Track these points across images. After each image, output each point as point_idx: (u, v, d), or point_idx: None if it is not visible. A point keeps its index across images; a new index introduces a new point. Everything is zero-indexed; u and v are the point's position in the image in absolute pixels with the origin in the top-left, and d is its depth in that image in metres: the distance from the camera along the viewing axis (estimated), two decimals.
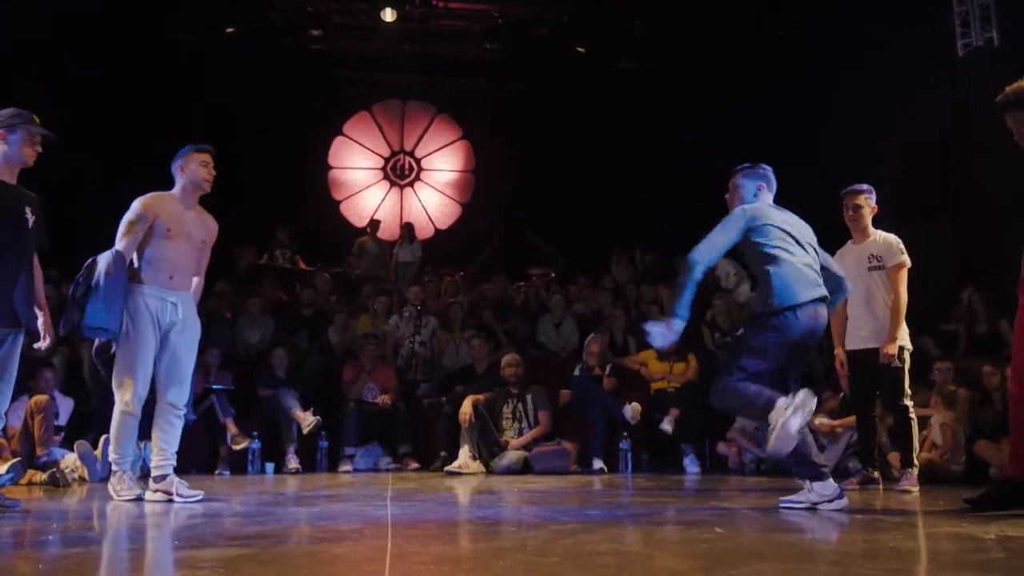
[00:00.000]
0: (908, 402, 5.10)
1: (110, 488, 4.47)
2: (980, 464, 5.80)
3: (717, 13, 10.67)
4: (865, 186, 5.30)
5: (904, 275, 5.10)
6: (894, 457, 5.98)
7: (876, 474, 5.31)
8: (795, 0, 9.92)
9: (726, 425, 7.39)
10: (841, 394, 6.70)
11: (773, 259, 3.95)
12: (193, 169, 4.50)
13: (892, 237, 5.21)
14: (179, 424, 4.53)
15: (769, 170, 4.33)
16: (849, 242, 5.38)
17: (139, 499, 4.37)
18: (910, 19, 8.97)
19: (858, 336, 5.23)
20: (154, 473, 4.47)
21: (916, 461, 5.11)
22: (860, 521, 3.67)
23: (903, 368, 5.07)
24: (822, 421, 6.56)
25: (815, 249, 4.15)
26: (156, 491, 4.41)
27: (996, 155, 5.38)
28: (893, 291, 5.09)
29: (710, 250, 3.99)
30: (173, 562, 2.71)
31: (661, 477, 6.16)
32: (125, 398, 4.34)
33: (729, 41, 10.97)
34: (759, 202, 4.19)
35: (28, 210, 4.11)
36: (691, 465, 7.05)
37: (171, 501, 4.36)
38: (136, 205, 4.41)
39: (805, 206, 10.04)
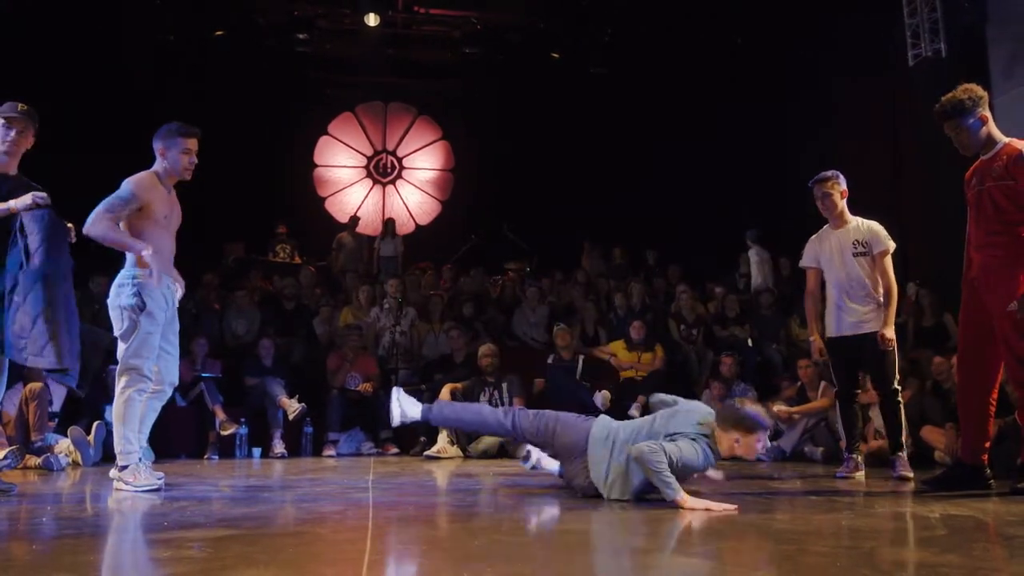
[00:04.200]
0: (898, 386, 4.88)
1: (120, 483, 4.02)
2: (926, 448, 5.89)
3: (682, 22, 10.73)
4: (831, 172, 5.04)
5: (890, 260, 4.88)
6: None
7: (860, 459, 5.07)
8: (757, 11, 9.98)
9: None
10: (798, 383, 6.78)
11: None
12: (175, 157, 4.15)
13: (875, 224, 4.96)
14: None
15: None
16: (826, 227, 5.11)
17: (159, 489, 4.02)
18: (865, 30, 9.06)
19: (847, 323, 4.93)
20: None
21: (905, 444, 4.88)
22: (815, 502, 3.71)
23: (894, 352, 4.84)
24: (780, 408, 6.63)
25: None
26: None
27: (941, 159, 5.45)
28: (884, 277, 4.85)
29: None
30: (163, 542, 2.69)
31: None
32: (141, 383, 4.08)
33: (694, 49, 11.04)
34: None
35: None
36: None
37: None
38: (130, 186, 4.05)
39: (765, 202, 10.09)
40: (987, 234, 3.86)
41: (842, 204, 5.01)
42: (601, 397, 6.93)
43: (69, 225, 4.03)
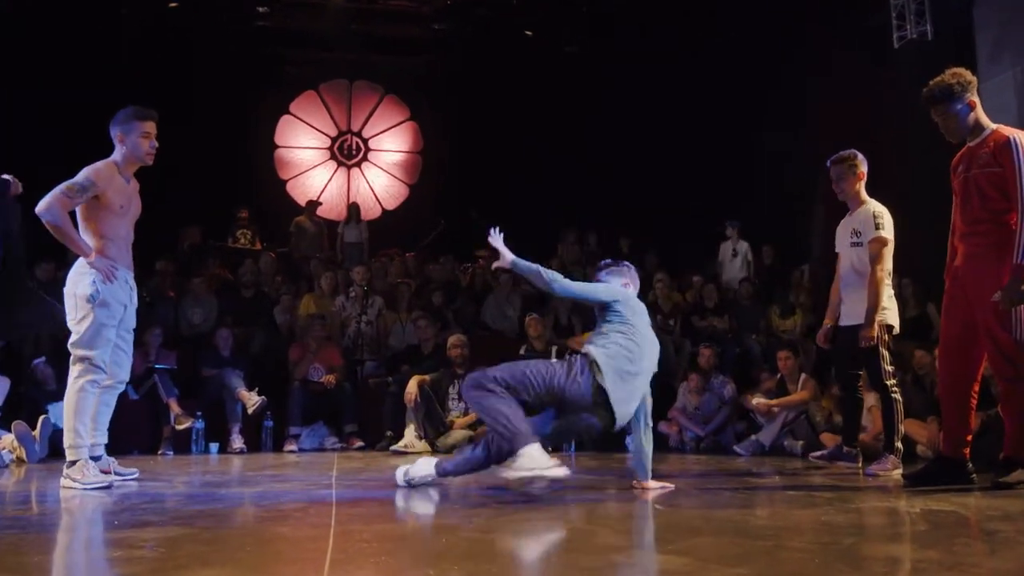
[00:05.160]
0: (889, 381, 4.78)
1: (67, 480, 4.01)
2: (908, 442, 5.97)
3: (659, 1, 10.75)
4: (849, 152, 4.95)
5: (881, 251, 4.77)
6: (826, 437, 6.13)
7: (856, 451, 5.15)
8: None
9: (667, 405, 7.50)
10: (778, 375, 6.85)
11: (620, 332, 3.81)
12: (135, 142, 4.17)
13: (873, 210, 4.86)
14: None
15: (632, 269, 4.22)
16: (848, 213, 5.08)
17: (109, 487, 4.00)
18: (849, 11, 9.13)
19: (842, 312, 5.02)
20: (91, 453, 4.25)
21: (899, 444, 4.76)
22: (794, 497, 3.76)
23: (879, 348, 4.76)
24: (759, 401, 6.70)
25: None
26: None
27: (925, 145, 5.49)
28: (869, 268, 4.78)
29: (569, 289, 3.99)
30: (113, 541, 2.66)
31: (604, 456, 6.22)
32: (94, 374, 4.08)
33: (672, 29, 11.06)
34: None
35: None
36: (632, 444, 7.13)
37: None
38: (88, 173, 4.05)
39: (744, 189, 10.12)
40: (972, 223, 3.91)
41: (857, 187, 4.95)
42: None
43: (9, 178, 3.94)
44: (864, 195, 4.98)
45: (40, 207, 3.96)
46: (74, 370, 4.09)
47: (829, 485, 4.25)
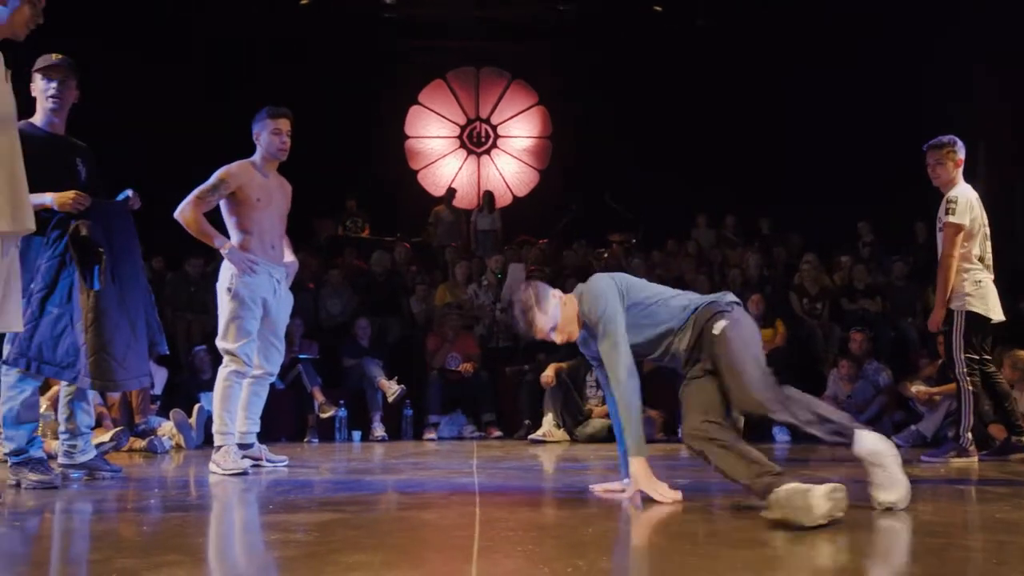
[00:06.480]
0: (961, 370, 4.72)
1: (213, 464, 4.26)
2: None
3: None
4: (946, 139, 4.85)
5: (952, 237, 4.67)
6: (995, 429, 5.76)
7: (971, 445, 4.87)
8: None
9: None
10: (939, 361, 6.49)
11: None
12: (267, 139, 4.39)
13: (947, 195, 4.76)
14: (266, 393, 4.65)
15: None
16: None
17: (245, 473, 4.22)
18: None
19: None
20: (242, 440, 4.53)
21: (967, 434, 4.72)
22: (963, 491, 3.56)
23: (951, 332, 4.72)
24: (919, 388, 6.38)
25: None
26: (243, 458, 4.45)
27: None
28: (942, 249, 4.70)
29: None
30: (268, 525, 2.79)
31: (755, 445, 6.06)
32: (237, 366, 4.32)
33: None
34: None
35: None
36: (780, 434, 6.92)
37: (258, 466, 4.53)
38: (218, 173, 4.31)
39: (880, 162, 9.60)
40: None
41: (953, 174, 4.82)
42: None
43: (129, 193, 4.07)
44: (957, 181, 4.82)
45: (176, 212, 4.24)
46: (223, 360, 4.37)
47: (1002, 479, 3.99)
